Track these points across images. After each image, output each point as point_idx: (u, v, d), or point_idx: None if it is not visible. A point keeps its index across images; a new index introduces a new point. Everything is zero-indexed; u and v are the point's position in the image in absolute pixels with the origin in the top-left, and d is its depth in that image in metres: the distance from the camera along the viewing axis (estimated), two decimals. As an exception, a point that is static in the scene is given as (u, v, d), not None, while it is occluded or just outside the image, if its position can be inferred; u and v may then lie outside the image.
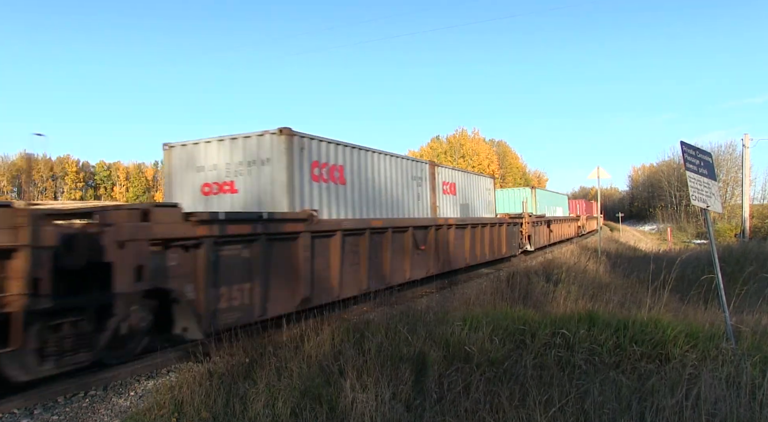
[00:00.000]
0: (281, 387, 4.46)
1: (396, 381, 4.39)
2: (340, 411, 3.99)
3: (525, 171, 76.40)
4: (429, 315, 6.60)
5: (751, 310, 7.06)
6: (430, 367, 4.72)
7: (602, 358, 5.03)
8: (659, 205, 73.32)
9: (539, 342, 5.38)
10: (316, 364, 5.03)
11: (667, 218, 65.64)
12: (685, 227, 56.99)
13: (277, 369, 4.99)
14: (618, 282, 11.96)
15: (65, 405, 5.03)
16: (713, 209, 6.15)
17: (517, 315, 6.29)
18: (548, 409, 3.70)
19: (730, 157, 55.68)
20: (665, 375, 4.49)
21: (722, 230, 38.01)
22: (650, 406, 3.83)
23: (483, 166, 60.94)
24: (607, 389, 4.17)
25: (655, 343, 5.29)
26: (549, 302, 8.42)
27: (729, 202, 50.70)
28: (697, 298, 8.00)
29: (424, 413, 3.97)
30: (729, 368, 4.46)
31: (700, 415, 3.61)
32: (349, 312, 9.02)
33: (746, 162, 28.25)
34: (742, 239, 24.33)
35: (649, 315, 5.96)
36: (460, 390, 4.09)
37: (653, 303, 6.60)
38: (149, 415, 4.39)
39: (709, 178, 6.25)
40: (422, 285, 11.91)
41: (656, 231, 62.00)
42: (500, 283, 10.95)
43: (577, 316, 6.01)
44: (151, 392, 5.23)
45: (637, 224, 75.09)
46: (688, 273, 11.22)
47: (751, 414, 3.75)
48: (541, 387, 4.19)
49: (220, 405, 4.29)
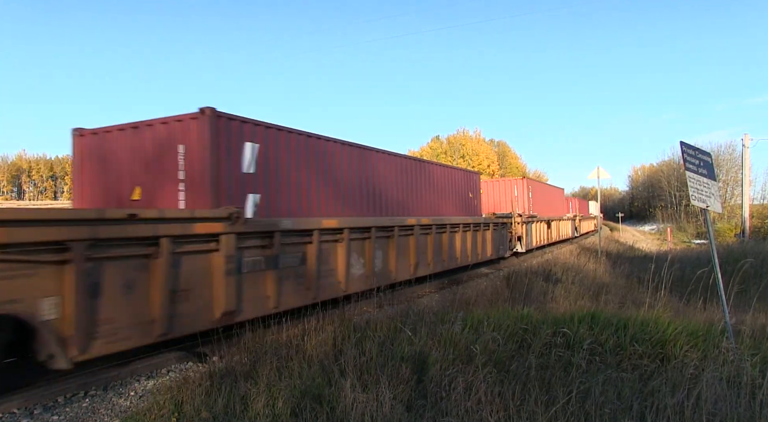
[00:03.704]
0: (282, 386, 4.46)
1: (397, 381, 4.39)
2: (340, 411, 3.98)
3: (525, 171, 76.29)
4: (429, 315, 6.60)
5: (750, 310, 7.06)
6: (432, 367, 4.72)
7: (603, 358, 5.04)
8: (659, 205, 73.32)
9: (540, 341, 5.38)
10: (317, 364, 5.02)
11: (667, 218, 65.65)
12: (685, 227, 57.01)
13: (277, 368, 4.99)
14: (618, 282, 11.96)
15: (65, 405, 5.03)
16: (713, 209, 6.15)
17: (518, 314, 6.29)
18: (549, 409, 3.71)
19: (730, 157, 55.74)
20: (666, 375, 4.49)
21: (722, 230, 38.06)
22: (650, 406, 3.84)
23: (483, 166, 60.99)
24: (608, 388, 4.17)
25: (656, 343, 5.29)
26: (549, 302, 8.42)
27: (729, 202, 50.72)
28: (697, 298, 8.00)
29: (425, 413, 3.97)
30: (729, 368, 4.46)
31: (700, 415, 3.61)
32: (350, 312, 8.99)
33: (746, 162, 28.27)
34: (742, 239, 24.34)
35: (650, 314, 5.97)
36: (461, 390, 4.08)
37: (653, 303, 6.60)
38: (149, 415, 4.38)
39: (709, 178, 6.25)
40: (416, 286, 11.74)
41: (656, 231, 61.99)
42: (500, 283, 10.96)
43: (577, 316, 6.01)
44: (151, 392, 5.23)
45: (637, 224, 75.12)
46: (688, 273, 11.23)
47: (751, 414, 3.75)
48: (543, 387, 4.20)
49: (220, 405, 4.29)
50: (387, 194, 11.85)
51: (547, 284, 10.56)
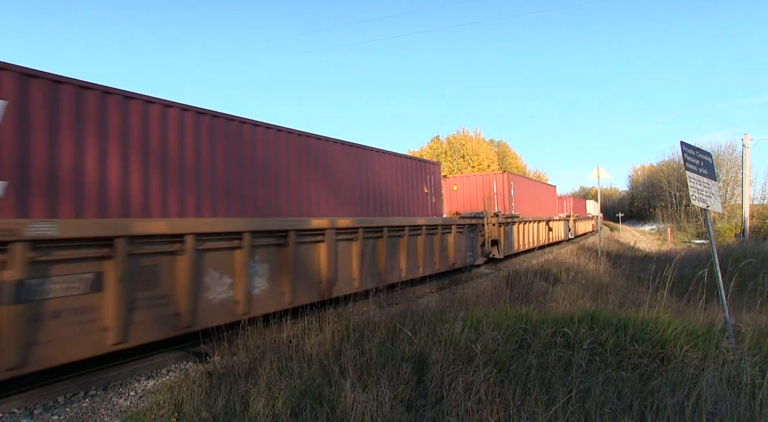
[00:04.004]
0: (282, 386, 4.46)
1: (397, 381, 4.39)
2: (340, 410, 3.98)
3: (525, 171, 76.29)
4: (429, 315, 6.60)
5: (750, 309, 7.07)
6: (432, 367, 4.72)
7: (603, 357, 5.03)
8: (659, 204, 73.30)
9: (540, 341, 5.39)
10: (317, 363, 5.02)
11: (667, 218, 65.69)
12: (685, 227, 57.05)
13: (277, 368, 4.99)
14: (618, 282, 11.97)
15: (65, 405, 5.03)
16: (713, 209, 6.15)
17: (518, 314, 6.30)
18: (549, 408, 3.71)
19: (730, 157, 55.76)
20: (666, 375, 4.49)
21: (722, 230, 38.09)
22: (650, 405, 3.84)
23: (483, 166, 60.93)
24: (608, 388, 4.17)
25: (656, 342, 5.30)
26: (549, 302, 8.42)
27: (729, 201, 50.75)
28: (697, 298, 8.00)
29: (426, 413, 3.97)
30: (729, 368, 4.46)
31: (700, 415, 3.61)
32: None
33: (746, 162, 28.27)
34: (742, 239, 24.35)
35: (650, 314, 5.97)
36: (461, 390, 4.08)
37: (653, 303, 6.60)
38: (149, 415, 4.38)
39: (709, 178, 6.25)
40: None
41: (656, 231, 62.01)
42: (500, 283, 10.96)
43: (577, 315, 6.01)
44: (151, 392, 5.23)
45: (637, 224, 75.11)
46: (688, 273, 11.23)
47: (751, 414, 3.75)
48: (543, 387, 4.20)
49: (220, 405, 4.29)
50: (284, 184, 8.57)
51: (546, 284, 10.57)
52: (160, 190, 6.59)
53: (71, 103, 5.70)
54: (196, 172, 7.09)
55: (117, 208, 6.06)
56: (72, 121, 5.70)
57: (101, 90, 6.01)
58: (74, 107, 5.73)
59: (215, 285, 6.65)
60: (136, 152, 6.34)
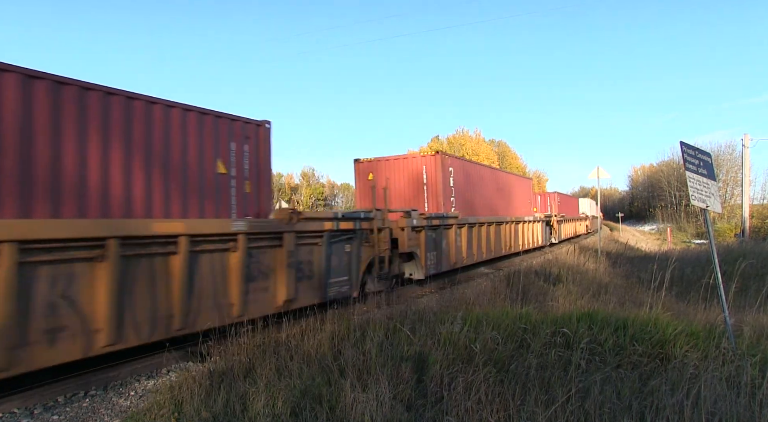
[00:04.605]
0: (281, 386, 4.46)
1: (397, 381, 4.39)
2: (340, 410, 3.98)
3: (525, 171, 76.29)
4: (429, 315, 6.60)
5: (750, 309, 7.07)
6: (432, 367, 4.72)
7: (603, 357, 5.04)
8: (659, 204, 73.36)
9: (540, 341, 5.39)
10: (317, 363, 5.03)
11: (667, 218, 65.73)
12: (685, 227, 57.10)
13: (277, 368, 4.99)
14: (618, 282, 11.98)
15: (65, 405, 5.03)
16: (713, 209, 6.16)
17: (517, 314, 6.30)
18: (549, 408, 3.71)
19: (730, 157, 55.82)
20: (666, 375, 4.50)
21: (722, 230, 38.12)
22: (650, 405, 3.84)
23: (483, 166, 60.83)
24: (608, 388, 4.17)
25: (655, 342, 5.30)
26: (549, 301, 8.42)
27: (729, 202, 50.80)
28: (697, 298, 8.00)
29: (425, 413, 3.97)
30: (729, 368, 4.46)
31: (700, 415, 3.61)
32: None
33: (746, 162, 28.27)
34: (742, 239, 24.37)
35: (649, 314, 5.97)
36: (461, 389, 4.09)
37: (653, 303, 6.61)
38: (149, 415, 4.38)
39: (709, 178, 6.25)
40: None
41: (656, 231, 62.06)
42: (500, 283, 10.96)
43: (577, 315, 6.01)
44: (151, 392, 5.23)
45: (637, 224, 75.16)
46: (688, 273, 11.24)
47: (750, 414, 3.75)
48: (543, 386, 4.20)
49: (220, 404, 4.29)
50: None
51: (546, 284, 10.58)
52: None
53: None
54: None
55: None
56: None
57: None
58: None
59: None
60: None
